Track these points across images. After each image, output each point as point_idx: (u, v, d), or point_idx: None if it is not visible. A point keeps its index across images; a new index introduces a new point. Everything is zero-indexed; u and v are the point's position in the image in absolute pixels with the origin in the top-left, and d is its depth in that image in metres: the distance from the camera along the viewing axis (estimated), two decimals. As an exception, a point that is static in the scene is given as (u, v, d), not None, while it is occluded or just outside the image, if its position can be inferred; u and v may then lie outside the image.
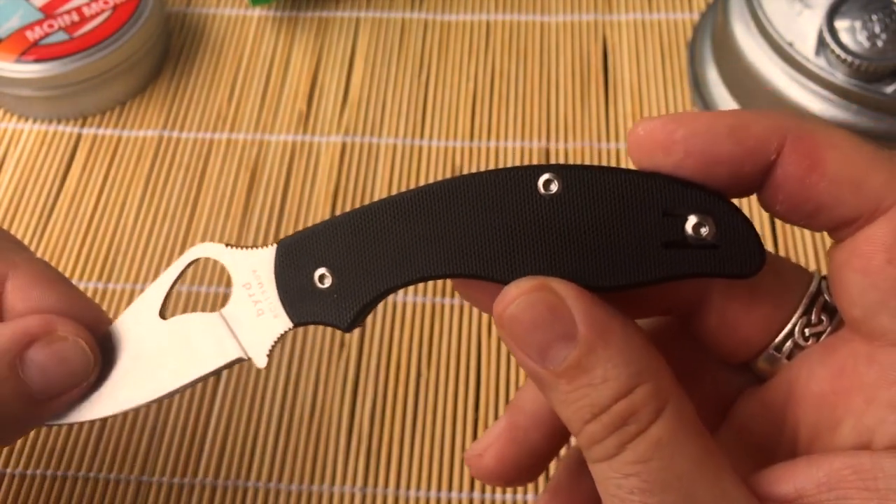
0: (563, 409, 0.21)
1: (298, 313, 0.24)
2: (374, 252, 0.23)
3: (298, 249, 0.24)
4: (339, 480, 0.37)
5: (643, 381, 0.21)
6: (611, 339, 0.21)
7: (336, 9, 0.53)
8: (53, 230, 0.45)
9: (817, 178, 0.21)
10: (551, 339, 0.21)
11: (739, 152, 0.21)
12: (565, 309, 0.21)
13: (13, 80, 0.47)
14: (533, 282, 0.22)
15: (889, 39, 0.41)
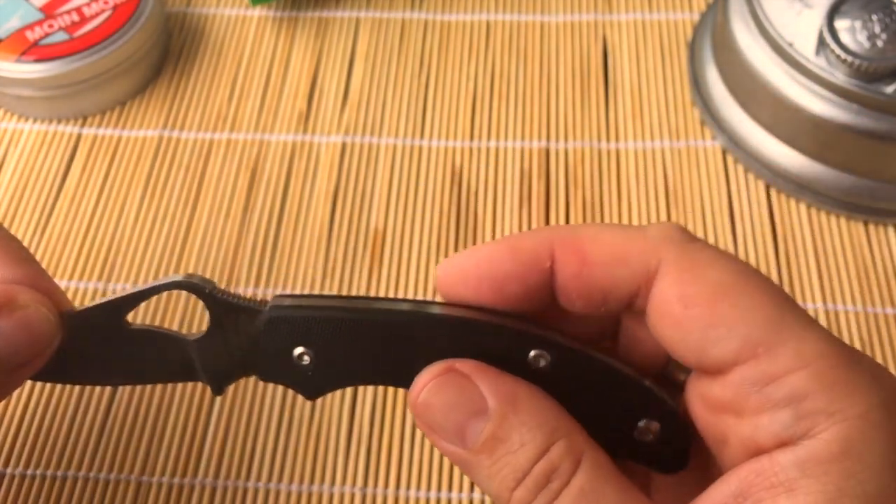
0: (490, 485, 0.23)
1: (269, 373, 0.25)
2: (360, 355, 0.24)
3: (289, 323, 0.24)
4: (339, 480, 0.37)
5: (557, 439, 0.22)
6: (520, 406, 0.23)
7: (336, 9, 0.53)
8: (53, 230, 0.45)
9: (589, 269, 0.24)
10: (465, 418, 0.23)
11: (520, 269, 0.24)
12: (473, 386, 0.23)
13: (13, 80, 0.47)
14: (439, 366, 0.23)
15: (889, 39, 0.41)
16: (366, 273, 0.43)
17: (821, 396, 0.21)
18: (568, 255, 0.24)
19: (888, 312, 0.41)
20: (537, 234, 0.24)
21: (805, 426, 0.21)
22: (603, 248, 0.24)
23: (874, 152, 0.42)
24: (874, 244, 0.43)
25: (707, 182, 0.46)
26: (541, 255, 0.24)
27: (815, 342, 0.21)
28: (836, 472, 0.20)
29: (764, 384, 0.21)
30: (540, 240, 0.24)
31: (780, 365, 0.21)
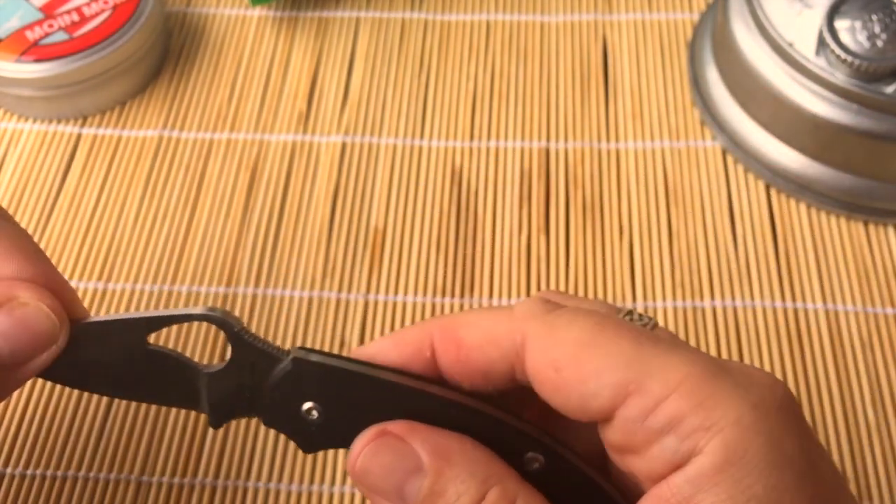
0: None
1: (274, 421, 0.26)
2: (367, 419, 0.25)
3: (306, 377, 0.25)
4: (339, 480, 0.37)
5: (491, 486, 0.23)
6: (453, 458, 0.24)
7: (336, 9, 0.53)
8: (53, 230, 0.45)
9: (465, 354, 0.25)
10: (403, 477, 0.24)
11: (405, 360, 0.26)
12: (406, 446, 0.24)
13: (13, 80, 0.47)
14: (372, 431, 0.25)
15: (889, 39, 0.41)
16: (366, 273, 0.43)
17: (695, 414, 0.22)
18: (446, 343, 0.25)
19: (888, 312, 0.41)
20: (420, 327, 0.26)
21: (689, 445, 0.22)
22: (475, 333, 0.25)
23: (874, 152, 0.42)
24: (874, 244, 0.43)
25: (707, 182, 0.46)
26: (422, 347, 0.26)
27: (678, 365, 0.22)
28: (725, 481, 0.21)
29: (643, 418, 0.22)
30: (421, 332, 0.26)
31: (652, 396, 0.22)
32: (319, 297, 0.42)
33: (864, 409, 0.39)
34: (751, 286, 0.42)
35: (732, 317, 0.41)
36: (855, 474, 0.37)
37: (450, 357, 0.25)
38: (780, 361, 0.40)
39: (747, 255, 0.43)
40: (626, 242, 0.44)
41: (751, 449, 0.21)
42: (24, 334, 0.26)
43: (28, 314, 0.26)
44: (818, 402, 0.39)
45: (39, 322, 0.26)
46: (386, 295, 0.42)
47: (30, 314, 0.26)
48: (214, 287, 0.42)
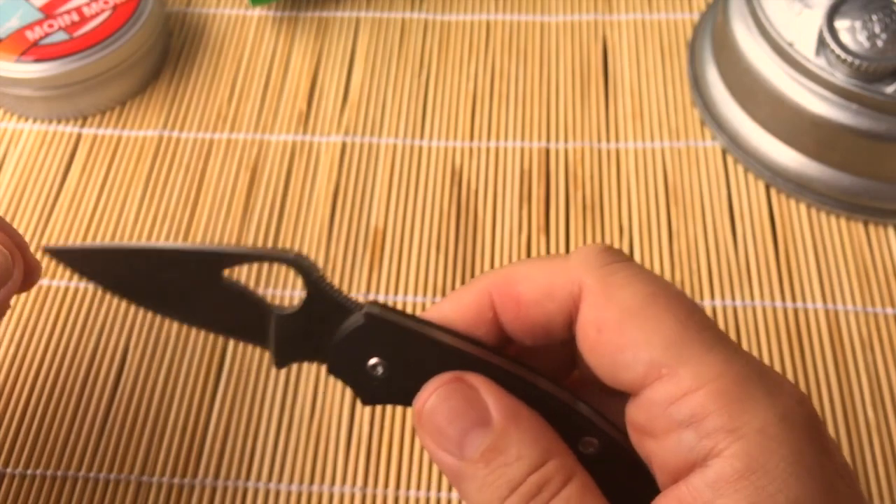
0: (480, 496, 0.23)
1: (338, 370, 0.26)
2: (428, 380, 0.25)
3: (377, 332, 0.25)
4: (339, 480, 0.37)
5: (551, 457, 0.23)
6: (521, 423, 0.24)
7: (336, 9, 0.53)
8: (53, 230, 0.45)
9: (525, 310, 0.25)
10: (468, 427, 0.23)
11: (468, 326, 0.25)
12: (480, 398, 0.24)
13: (13, 80, 0.47)
14: (447, 375, 0.24)
15: (889, 39, 0.41)
16: (366, 273, 0.43)
17: (720, 415, 0.21)
18: (505, 301, 0.25)
19: (888, 312, 0.41)
20: (476, 287, 0.25)
21: (708, 445, 0.21)
22: (532, 286, 0.25)
23: (874, 152, 0.42)
24: (874, 244, 0.43)
25: (707, 182, 0.46)
26: (482, 308, 0.25)
27: (715, 362, 0.22)
28: (746, 488, 0.21)
29: (668, 405, 0.22)
30: (478, 293, 0.25)
31: (682, 385, 0.22)
32: (319, 297, 0.42)
33: (864, 409, 0.39)
34: (751, 286, 0.42)
35: (732, 316, 0.41)
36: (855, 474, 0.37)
37: (510, 315, 0.25)
38: (780, 361, 0.40)
39: (747, 255, 0.43)
40: (626, 242, 0.44)
41: (773, 459, 0.21)
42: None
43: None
44: (818, 402, 0.39)
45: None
46: (386, 295, 0.42)
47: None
48: (214, 287, 0.42)
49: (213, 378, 0.40)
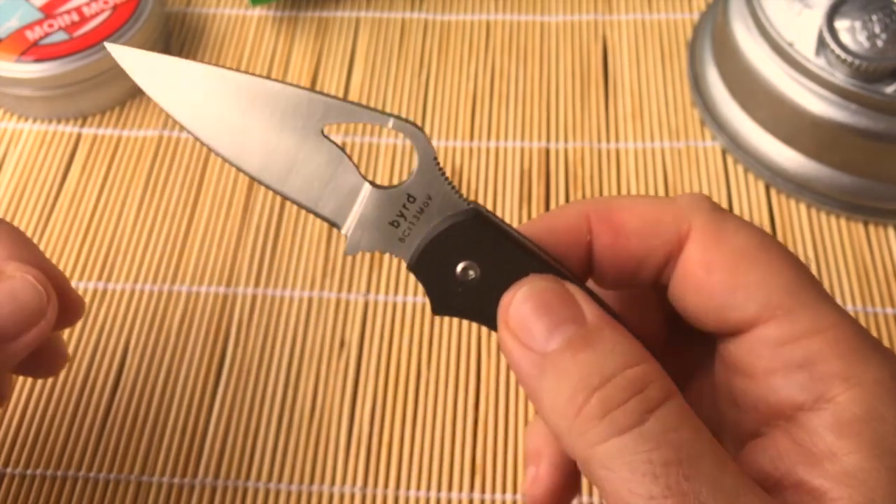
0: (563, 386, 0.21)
1: (419, 267, 0.24)
2: None
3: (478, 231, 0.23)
4: (339, 480, 0.37)
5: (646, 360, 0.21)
6: (617, 327, 0.22)
7: (336, 9, 0.53)
8: (53, 230, 0.45)
9: (623, 240, 0.24)
10: (559, 322, 0.21)
11: (561, 248, 0.24)
12: (574, 301, 0.22)
13: (13, 80, 0.47)
14: (543, 276, 0.23)
15: (889, 39, 0.41)
16: (366, 273, 0.43)
17: (836, 361, 0.21)
18: (602, 226, 0.24)
19: (888, 312, 0.41)
20: (575, 208, 0.24)
21: (819, 389, 0.21)
22: (636, 217, 0.24)
23: (874, 152, 0.42)
24: (874, 244, 0.43)
25: (707, 182, 0.46)
26: (579, 231, 0.24)
27: (831, 312, 0.22)
28: (867, 432, 0.21)
29: (781, 345, 0.22)
30: (577, 215, 0.24)
31: (798, 328, 0.22)
32: (319, 297, 0.42)
33: (864, 409, 0.39)
34: (751, 286, 0.42)
35: (732, 317, 0.41)
36: (855, 474, 0.37)
37: (605, 242, 0.24)
38: (780, 361, 0.40)
39: (747, 255, 0.43)
40: (626, 242, 0.44)
41: (893, 410, 0.21)
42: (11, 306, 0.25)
43: (15, 286, 0.25)
44: (818, 402, 0.39)
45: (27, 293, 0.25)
46: (386, 295, 0.42)
47: (16, 286, 0.25)
48: (214, 287, 0.42)
49: (213, 378, 0.40)
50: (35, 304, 0.26)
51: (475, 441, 0.38)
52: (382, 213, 0.23)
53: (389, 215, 0.23)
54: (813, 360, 0.22)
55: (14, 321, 0.25)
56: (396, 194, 0.23)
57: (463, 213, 0.23)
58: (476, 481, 0.37)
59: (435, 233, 0.23)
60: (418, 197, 0.23)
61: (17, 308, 0.25)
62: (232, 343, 0.41)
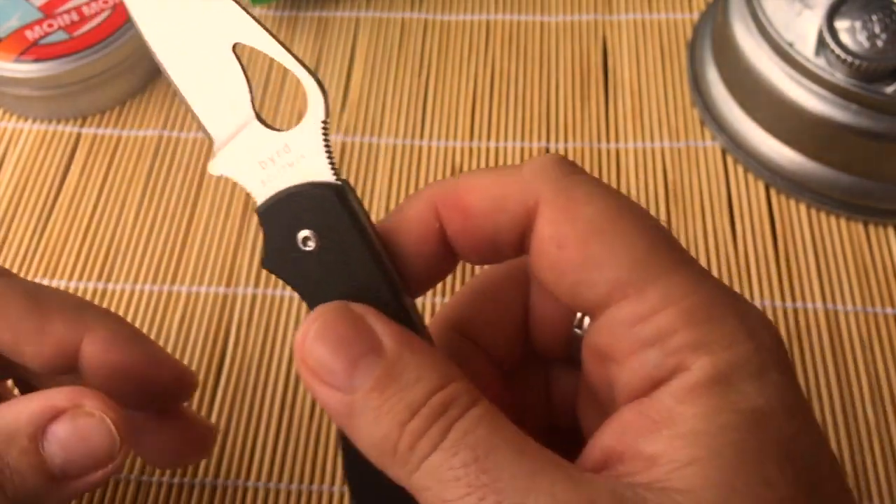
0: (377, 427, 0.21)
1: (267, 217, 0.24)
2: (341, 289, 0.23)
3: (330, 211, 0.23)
4: (338, 480, 0.37)
5: (453, 380, 0.21)
6: (416, 348, 0.22)
7: (336, 9, 0.53)
8: (53, 230, 0.45)
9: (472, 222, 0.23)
10: (358, 355, 0.21)
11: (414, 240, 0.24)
12: (367, 325, 0.22)
13: (12, 80, 0.46)
14: (332, 304, 0.22)
15: (889, 39, 0.41)
16: (366, 273, 0.43)
17: (687, 333, 0.21)
18: (451, 212, 0.23)
19: (888, 312, 0.41)
20: (420, 198, 0.24)
21: (673, 363, 0.21)
22: (481, 196, 0.23)
23: (874, 152, 0.42)
24: (874, 244, 0.43)
25: (707, 182, 0.46)
26: (429, 220, 0.24)
27: (684, 282, 0.21)
28: (710, 395, 0.20)
29: (634, 324, 0.21)
30: (424, 204, 0.24)
31: (649, 304, 0.21)
32: (319, 296, 0.42)
33: (864, 409, 0.39)
34: (751, 286, 0.42)
35: (732, 317, 0.41)
36: (855, 474, 0.37)
37: (456, 227, 0.24)
38: (780, 361, 0.40)
39: (747, 255, 0.43)
40: (626, 242, 0.44)
41: (739, 373, 0.20)
42: (81, 446, 0.24)
43: (90, 426, 0.24)
44: (818, 402, 0.39)
45: (100, 436, 0.24)
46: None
47: (92, 427, 0.24)
48: (214, 287, 0.42)
49: (213, 378, 0.40)
50: (105, 450, 0.24)
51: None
52: (257, 148, 0.24)
53: (261, 154, 0.24)
54: (665, 335, 0.21)
55: (81, 464, 0.24)
56: (275, 138, 0.24)
57: (326, 185, 0.23)
58: (476, 481, 0.37)
59: (291, 192, 0.23)
60: (294, 150, 0.24)
61: (85, 451, 0.24)
62: (232, 343, 0.41)
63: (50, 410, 0.24)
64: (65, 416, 0.24)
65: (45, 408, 0.24)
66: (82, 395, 0.24)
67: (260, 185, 0.24)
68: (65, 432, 0.24)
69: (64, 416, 0.24)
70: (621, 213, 0.22)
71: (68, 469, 0.24)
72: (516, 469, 0.20)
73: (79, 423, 0.24)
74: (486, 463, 0.20)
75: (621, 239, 0.22)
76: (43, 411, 0.24)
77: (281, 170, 0.24)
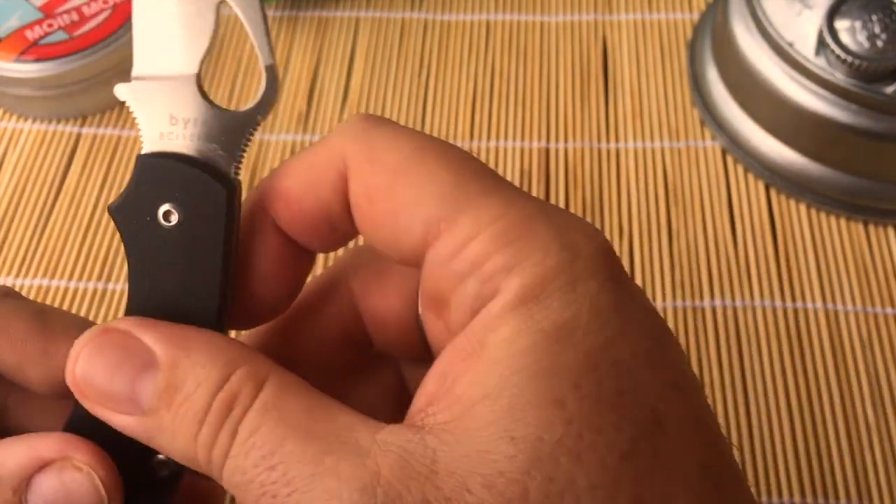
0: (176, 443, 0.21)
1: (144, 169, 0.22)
2: None
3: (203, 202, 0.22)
4: (339, 480, 0.37)
5: (236, 367, 0.20)
6: (190, 346, 0.21)
7: (336, 9, 0.53)
8: (53, 230, 0.45)
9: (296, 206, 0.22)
10: (134, 376, 0.21)
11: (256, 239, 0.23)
12: (134, 340, 0.21)
13: (13, 80, 0.46)
14: (93, 330, 0.22)
15: (889, 39, 0.41)
16: (366, 273, 0.43)
17: (500, 255, 0.20)
18: (275, 202, 0.23)
19: (888, 312, 0.41)
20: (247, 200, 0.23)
21: (490, 288, 0.20)
22: (296, 177, 0.22)
23: (874, 152, 0.42)
24: (874, 244, 0.43)
25: (707, 182, 0.46)
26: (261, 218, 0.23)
27: (495, 204, 0.20)
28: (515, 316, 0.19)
29: (450, 260, 0.20)
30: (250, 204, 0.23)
31: (461, 235, 0.20)
32: (319, 296, 0.42)
33: (864, 409, 0.39)
34: (751, 286, 0.42)
35: (732, 317, 0.41)
36: (855, 474, 0.37)
37: (285, 216, 0.23)
38: (780, 361, 0.40)
39: (747, 255, 0.43)
40: (626, 242, 0.44)
41: (548, 289, 0.19)
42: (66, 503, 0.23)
43: (76, 482, 0.23)
44: (818, 402, 0.39)
45: (86, 494, 0.23)
46: (386, 295, 0.42)
47: (78, 483, 0.23)
48: (214, 287, 0.42)
49: (212, 378, 0.40)
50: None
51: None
52: (176, 103, 0.23)
53: (178, 111, 0.23)
54: (480, 262, 0.20)
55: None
56: (199, 106, 0.23)
57: (221, 178, 0.22)
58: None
59: (182, 161, 0.22)
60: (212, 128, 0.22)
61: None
62: (232, 343, 0.41)
63: (37, 461, 0.23)
64: (51, 469, 0.23)
65: (32, 458, 0.23)
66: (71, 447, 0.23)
67: (157, 135, 0.23)
68: (50, 487, 0.23)
69: (50, 469, 0.23)
70: (425, 153, 0.21)
71: None
72: (302, 455, 0.19)
73: (65, 477, 0.23)
74: (274, 459, 0.19)
75: (427, 178, 0.21)
76: (30, 461, 0.23)
77: (187, 136, 0.22)
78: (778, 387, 0.39)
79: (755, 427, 0.38)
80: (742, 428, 0.38)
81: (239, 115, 0.23)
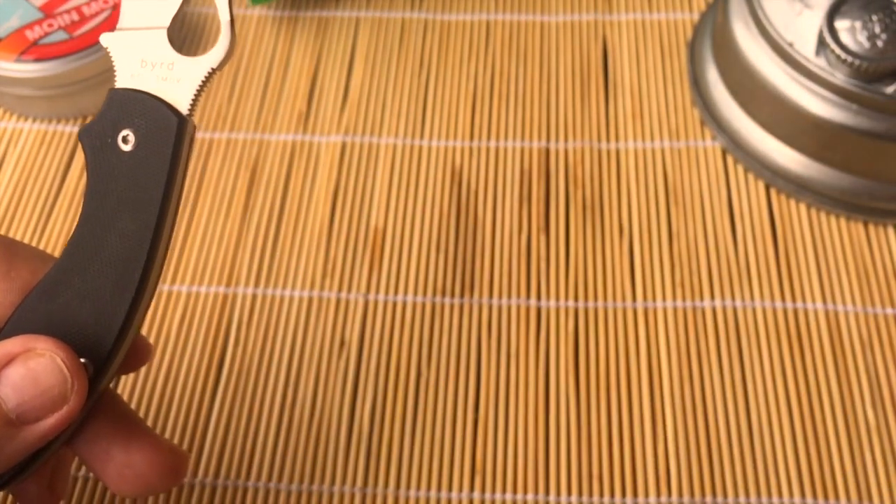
0: None
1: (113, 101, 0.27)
2: None
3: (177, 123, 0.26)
4: (339, 480, 0.37)
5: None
6: None
7: (336, 9, 0.53)
8: (53, 230, 0.45)
9: None
10: None
11: None
12: None
13: (13, 80, 0.47)
14: None
15: (889, 39, 0.41)
16: (366, 272, 0.43)
17: None
18: None
19: (888, 312, 0.41)
20: None
21: None
22: None
23: (874, 152, 0.42)
24: (874, 244, 0.43)
25: (707, 182, 0.46)
26: None
27: None
28: None
29: None
30: None
31: None
32: (319, 297, 0.42)
33: (864, 409, 0.39)
34: (751, 286, 0.42)
35: (732, 317, 0.41)
36: (855, 474, 0.37)
37: None
38: (780, 361, 0.40)
39: (747, 255, 0.43)
40: (626, 242, 0.44)
41: None
42: (32, 388, 0.24)
43: (39, 367, 0.24)
44: (818, 402, 0.39)
45: (51, 375, 0.24)
46: (386, 295, 0.42)
47: (42, 365, 0.24)
48: (214, 287, 0.42)
49: (213, 378, 0.40)
50: (57, 390, 0.24)
51: (475, 441, 0.38)
52: (148, 50, 0.27)
53: (149, 56, 0.27)
54: None
55: (34, 405, 0.24)
56: (168, 53, 0.27)
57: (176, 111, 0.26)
58: (476, 481, 0.37)
59: (146, 96, 0.26)
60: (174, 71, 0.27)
61: (37, 392, 0.24)
62: (232, 343, 0.41)
63: (5, 356, 0.25)
64: (17, 360, 0.25)
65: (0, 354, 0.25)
66: (31, 340, 0.25)
67: (129, 75, 0.27)
68: (17, 374, 0.24)
69: (16, 360, 0.25)
70: None
71: (23, 412, 0.24)
72: None
73: (30, 364, 0.25)
74: None
75: None
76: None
77: (153, 77, 0.27)
78: (778, 387, 0.39)
79: (755, 427, 0.38)
80: (742, 428, 0.38)
81: (200, 62, 0.27)
